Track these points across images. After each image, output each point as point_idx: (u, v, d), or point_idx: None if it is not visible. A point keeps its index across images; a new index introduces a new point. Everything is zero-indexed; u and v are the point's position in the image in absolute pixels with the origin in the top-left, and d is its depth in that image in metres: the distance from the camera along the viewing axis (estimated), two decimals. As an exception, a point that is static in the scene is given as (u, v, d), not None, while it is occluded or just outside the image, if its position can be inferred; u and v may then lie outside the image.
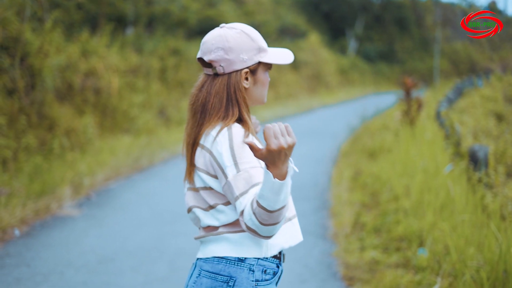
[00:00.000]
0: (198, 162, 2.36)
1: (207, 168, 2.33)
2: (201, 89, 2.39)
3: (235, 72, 2.35)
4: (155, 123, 15.29)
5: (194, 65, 20.40)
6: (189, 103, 2.42)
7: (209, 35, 2.39)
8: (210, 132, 2.33)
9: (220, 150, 2.27)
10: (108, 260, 6.11)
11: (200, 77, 2.45)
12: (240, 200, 2.22)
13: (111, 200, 8.85)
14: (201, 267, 2.41)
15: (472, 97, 25.92)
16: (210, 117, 2.34)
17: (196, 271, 2.43)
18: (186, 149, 2.42)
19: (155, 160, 12.24)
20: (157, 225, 7.48)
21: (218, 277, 2.37)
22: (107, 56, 14.31)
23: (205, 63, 2.38)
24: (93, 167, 10.09)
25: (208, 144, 2.33)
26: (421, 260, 5.70)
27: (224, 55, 2.33)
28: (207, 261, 2.40)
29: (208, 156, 2.32)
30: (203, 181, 2.37)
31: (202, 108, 2.35)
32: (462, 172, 8.23)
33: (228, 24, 2.43)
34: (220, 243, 2.38)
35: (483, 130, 14.69)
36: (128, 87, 14.84)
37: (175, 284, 5.44)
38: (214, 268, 2.38)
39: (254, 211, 2.15)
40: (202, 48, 2.39)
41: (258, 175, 2.24)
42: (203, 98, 2.36)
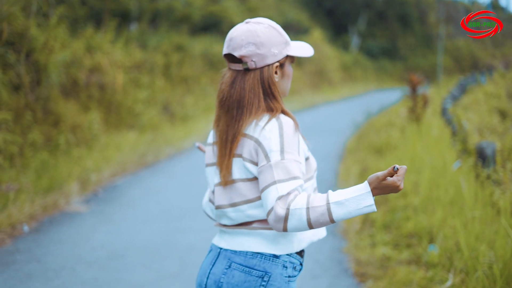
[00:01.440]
0: (244, 152, 2.33)
1: (251, 156, 2.32)
2: (232, 85, 2.35)
3: (267, 67, 2.35)
4: (159, 119, 15.27)
5: (198, 61, 20.39)
6: (220, 99, 2.39)
7: (236, 31, 2.37)
8: (258, 123, 2.32)
9: (269, 136, 2.26)
10: (118, 256, 6.10)
11: (225, 73, 2.43)
12: (277, 186, 2.19)
13: (118, 196, 8.83)
14: (231, 259, 2.39)
15: (475, 94, 25.89)
16: (249, 112, 2.32)
17: (224, 261, 2.42)
18: (221, 145, 2.38)
19: (161, 156, 12.23)
20: (165, 221, 7.47)
21: (252, 272, 2.35)
22: (111, 52, 14.29)
23: (233, 59, 2.37)
24: (100, 163, 10.08)
25: (256, 133, 2.31)
26: (432, 257, 5.68)
27: (256, 50, 2.32)
28: (238, 254, 2.39)
29: (252, 144, 2.31)
30: (247, 172, 2.34)
31: (237, 104, 2.33)
32: (470, 168, 8.21)
33: (252, 19, 2.43)
34: (255, 238, 2.37)
35: (487, 127, 14.66)
36: (132, 83, 14.83)
37: (186, 281, 5.43)
38: (248, 262, 2.36)
39: (312, 208, 2.14)
40: (230, 44, 2.36)
41: (298, 170, 2.23)
42: (237, 94, 2.33)
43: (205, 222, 7.37)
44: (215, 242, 2.51)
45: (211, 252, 2.49)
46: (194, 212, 7.90)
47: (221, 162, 2.39)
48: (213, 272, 2.42)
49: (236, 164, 2.35)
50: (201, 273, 2.49)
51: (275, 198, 2.18)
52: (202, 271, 2.47)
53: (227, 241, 2.44)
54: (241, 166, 2.35)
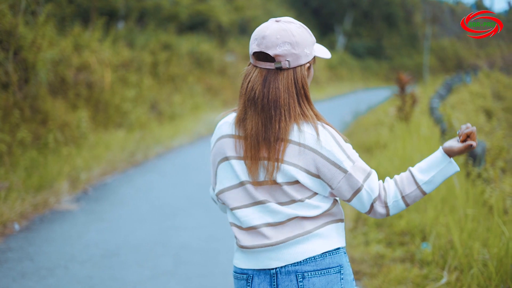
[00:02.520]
0: (293, 159, 2.29)
1: (308, 166, 2.29)
2: (265, 84, 2.29)
3: (300, 67, 2.32)
4: (147, 117, 15.22)
5: (185, 60, 20.35)
6: (249, 97, 2.32)
7: (269, 29, 2.31)
8: (303, 129, 2.28)
9: (329, 148, 2.28)
10: (112, 255, 6.07)
11: (249, 71, 2.36)
12: (365, 188, 2.32)
13: (108, 195, 8.80)
14: (299, 271, 2.33)
15: (461, 93, 26.04)
16: (288, 114, 2.28)
17: (291, 277, 2.34)
18: (255, 144, 2.30)
19: (150, 154, 12.19)
20: (158, 220, 7.44)
21: (330, 271, 2.35)
22: (99, 50, 14.22)
23: (265, 58, 2.31)
24: (89, 162, 10.03)
25: (310, 142, 2.28)
26: (426, 255, 5.70)
27: (291, 50, 2.28)
28: (304, 263, 2.33)
29: (312, 155, 2.28)
30: (290, 176, 2.30)
31: (274, 104, 2.27)
32: (460, 167, 8.25)
33: (282, 18, 2.37)
34: (314, 240, 2.35)
35: (474, 126, 14.75)
36: (120, 81, 14.76)
37: (181, 279, 5.42)
38: (321, 265, 2.34)
39: (406, 194, 2.36)
40: (263, 42, 2.29)
41: (365, 164, 2.35)
42: (272, 94, 2.28)
43: (198, 221, 7.37)
44: (253, 266, 2.38)
45: (257, 278, 2.37)
46: (186, 210, 7.90)
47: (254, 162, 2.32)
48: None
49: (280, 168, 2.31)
50: None
51: (370, 201, 2.35)
52: None
53: (281, 258, 2.34)
54: (285, 171, 2.30)
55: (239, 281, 2.42)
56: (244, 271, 2.40)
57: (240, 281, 2.42)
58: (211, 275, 5.54)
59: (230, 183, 2.39)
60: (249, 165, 2.32)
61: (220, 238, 6.69)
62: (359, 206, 2.38)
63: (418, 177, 2.37)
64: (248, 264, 2.39)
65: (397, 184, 2.37)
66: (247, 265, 2.39)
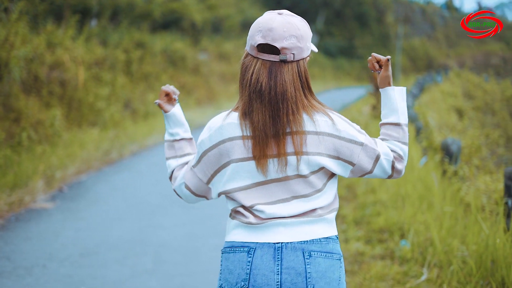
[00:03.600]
0: (316, 149, 2.30)
1: (329, 151, 2.31)
2: (271, 76, 2.27)
3: (302, 60, 2.33)
4: (121, 116, 15.11)
5: (159, 58, 20.25)
6: (255, 90, 2.28)
7: (275, 22, 2.29)
8: (315, 118, 2.30)
9: (343, 128, 2.32)
10: (91, 253, 6.02)
11: (250, 62, 2.33)
12: (383, 156, 2.42)
13: (84, 193, 8.72)
14: (306, 249, 2.32)
15: (433, 92, 26.32)
16: (296, 106, 2.27)
17: (297, 253, 2.32)
18: (261, 139, 2.27)
19: (125, 153, 12.12)
20: (135, 218, 7.40)
21: (333, 256, 2.37)
22: (72, 48, 14.07)
23: (271, 50, 2.29)
24: (64, 160, 9.93)
25: (326, 129, 2.30)
26: (405, 252, 5.74)
27: (297, 43, 2.28)
28: (310, 242, 2.34)
29: (330, 139, 2.31)
30: (316, 165, 2.31)
31: (282, 97, 2.26)
32: (437, 165, 8.33)
33: (283, 11, 2.37)
34: (321, 224, 2.37)
35: (447, 125, 14.92)
36: (94, 79, 14.63)
37: (162, 277, 5.39)
38: (325, 248, 2.35)
39: (405, 142, 2.49)
40: (269, 35, 2.27)
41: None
42: (280, 86, 2.26)
43: (176, 219, 7.33)
44: (257, 239, 2.34)
45: (260, 250, 2.33)
46: (164, 208, 7.86)
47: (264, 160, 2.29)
48: (287, 267, 2.31)
49: (301, 160, 2.30)
50: (259, 274, 2.32)
51: (390, 163, 2.44)
52: (261, 272, 2.31)
53: (287, 234, 2.33)
54: (308, 161, 2.31)
55: (236, 254, 2.34)
56: (245, 244, 2.34)
57: (238, 253, 2.34)
58: (192, 274, 5.51)
59: (243, 183, 2.33)
60: (260, 163, 2.29)
61: (200, 237, 6.66)
62: (382, 173, 2.45)
63: (393, 120, 2.51)
64: (251, 237, 2.34)
65: (390, 137, 2.49)
66: (250, 238, 2.34)
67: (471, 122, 18.33)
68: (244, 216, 2.35)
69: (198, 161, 2.39)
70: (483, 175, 8.62)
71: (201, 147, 2.35)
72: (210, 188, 2.42)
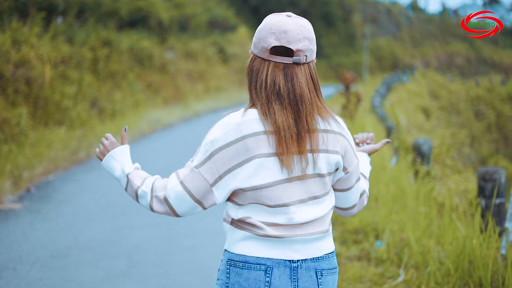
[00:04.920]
0: (331, 146, 2.30)
1: (342, 151, 2.34)
2: (287, 79, 2.25)
3: (312, 61, 2.33)
4: (88, 115, 14.90)
5: (125, 57, 20.05)
6: (276, 93, 2.25)
7: (289, 24, 2.27)
8: (328, 119, 2.31)
9: (349, 137, 2.39)
10: (62, 255, 5.89)
11: (265, 65, 2.28)
12: (361, 180, 2.55)
13: (52, 193, 8.57)
14: (318, 267, 2.30)
15: (399, 92, 26.52)
16: (313, 107, 2.28)
17: (310, 273, 2.29)
18: (287, 138, 2.22)
19: (93, 152, 11.94)
20: (107, 219, 7.29)
21: (336, 270, 2.38)
22: (38, 45, 13.83)
23: (285, 52, 2.27)
24: (31, 160, 9.75)
25: (339, 129, 2.34)
26: (381, 253, 5.73)
27: (309, 45, 2.28)
28: (320, 259, 2.32)
29: (343, 140, 2.33)
30: (335, 164, 2.32)
31: (300, 99, 2.25)
32: (408, 165, 8.35)
33: (290, 13, 2.35)
34: (328, 238, 2.37)
35: (415, 125, 15.04)
36: (60, 78, 14.41)
37: (137, 280, 5.30)
38: (331, 264, 2.35)
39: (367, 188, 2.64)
40: (284, 37, 2.25)
41: None
42: (298, 89, 2.25)
43: (148, 220, 7.23)
44: (274, 256, 2.26)
45: (277, 270, 2.26)
46: (134, 209, 7.74)
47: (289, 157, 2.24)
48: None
49: (321, 159, 2.30)
50: None
51: (359, 194, 2.51)
52: None
53: (302, 252, 2.29)
54: (327, 160, 2.30)
55: (251, 271, 2.26)
56: (260, 261, 2.25)
57: (253, 271, 2.25)
58: (167, 275, 5.43)
59: (267, 180, 2.25)
60: (285, 160, 2.24)
61: (173, 237, 6.58)
62: (353, 196, 2.47)
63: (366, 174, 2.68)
64: (266, 252, 2.26)
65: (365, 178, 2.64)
66: (265, 254, 2.26)
67: (438, 122, 18.54)
68: (259, 228, 2.26)
69: (205, 160, 2.23)
70: (452, 175, 8.69)
71: (213, 145, 2.22)
72: (213, 191, 2.25)
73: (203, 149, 2.25)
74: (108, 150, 2.44)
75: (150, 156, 11.97)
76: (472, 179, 8.91)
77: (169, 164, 10.87)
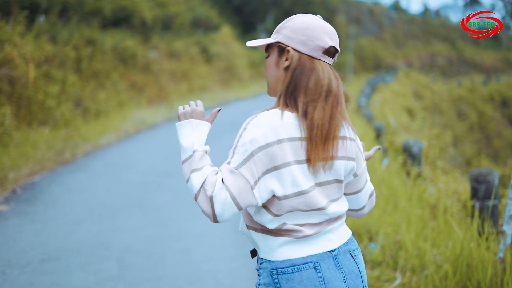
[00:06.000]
0: (349, 153, 2.33)
1: (355, 155, 2.38)
2: (336, 78, 2.29)
3: None
4: (72, 114, 14.75)
5: (109, 56, 19.89)
6: (328, 91, 2.24)
7: (330, 27, 2.33)
8: (347, 123, 2.33)
9: (357, 137, 2.42)
10: (52, 259, 5.78)
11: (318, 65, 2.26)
12: (368, 180, 2.54)
13: (39, 195, 8.44)
14: (349, 250, 2.36)
15: (383, 92, 26.57)
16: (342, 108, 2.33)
17: (347, 256, 2.34)
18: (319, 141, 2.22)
19: (78, 153, 11.82)
20: (95, 221, 7.17)
21: (359, 249, 2.46)
22: (22, 44, 13.66)
23: (333, 53, 2.31)
24: (16, 161, 9.61)
25: (352, 134, 2.36)
26: (375, 255, 5.68)
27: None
28: (348, 242, 2.37)
29: (355, 145, 2.37)
30: (351, 170, 2.36)
31: (341, 99, 2.29)
32: (399, 167, 8.33)
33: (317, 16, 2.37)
34: (345, 223, 2.45)
35: (401, 125, 15.04)
36: (44, 77, 14.24)
37: (129, 283, 5.20)
38: (356, 244, 2.43)
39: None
40: (335, 38, 2.31)
41: None
42: (341, 89, 2.31)
43: (138, 221, 7.14)
44: (315, 251, 2.26)
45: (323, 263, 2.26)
46: (124, 211, 7.65)
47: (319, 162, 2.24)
48: (348, 272, 2.31)
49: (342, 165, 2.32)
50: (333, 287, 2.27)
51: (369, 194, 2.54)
52: (335, 284, 2.25)
53: (336, 239, 2.31)
54: (343, 167, 2.32)
55: (302, 272, 2.23)
56: (307, 260, 2.23)
57: (304, 271, 2.22)
58: (159, 279, 5.33)
59: (303, 187, 2.22)
60: (314, 165, 2.22)
61: (163, 240, 6.48)
62: (363, 197, 2.50)
63: None
64: (310, 250, 2.25)
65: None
66: (308, 252, 2.25)
67: (423, 122, 18.55)
68: (296, 231, 2.24)
69: (245, 160, 2.14)
70: (442, 176, 8.67)
71: (253, 144, 2.14)
72: (254, 193, 2.15)
73: (241, 150, 2.15)
74: (193, 116, 2.33)
75: (136, 156, 11.85)
76: (461, 180, 8.92)
77: (155, 165, 10.77)
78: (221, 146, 12.97)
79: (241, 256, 5.92)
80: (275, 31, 2.36)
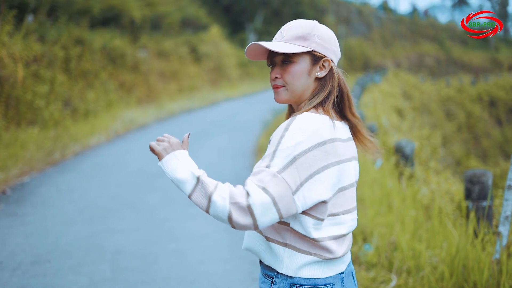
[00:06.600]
0: (357, 153, 2.39)
1: None
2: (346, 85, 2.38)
3: None
4: (61, 114, 14.63)
5: (98, 56, 19.78)
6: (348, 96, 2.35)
7: None
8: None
9: None
10: (43, 261, 5.70)
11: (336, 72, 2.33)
12: None
13: (29, 196, 8.35)
14: (351, 270, 2.43)
15: (373, 92, 26.57)
16: None
17: (351, 278, 2.42)
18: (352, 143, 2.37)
19: (68, 153, 11.72)
20: (87, 223, 7.09)
21: None
22: (10, 44, 13.54)
23: None
24: (5, 161, 9.51)
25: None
26: (370, 256, 5.65)
27: None
28: (351, 262, 2.47)
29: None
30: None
31: None
32: (392, 167, 8.30)
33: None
34: None
35: (391, 126, 15.03)
36: (33, 77, 14.13)
37: (122, 286, 5.14)
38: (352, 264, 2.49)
39: None
40: None
41: None
42: None
43: (130, 223, 7.08)
44: (333, 272, 2.28)
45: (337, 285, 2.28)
46: (115, 212, 7.58)
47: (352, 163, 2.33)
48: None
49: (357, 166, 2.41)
50: None
51: None
52: None
53: (346, 261, 2.38)
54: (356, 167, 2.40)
55: None
56: (327, 282, 2.25)
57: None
58: (153, 281, 5.27)
59: (343, 184, 2.24)
60: (349, 166, 2.28)
61: (156, 241, 6.42)
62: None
63: None
64: (331, 271, 2.27)
65: None
66: (330, 273, 2.27)
67: (413, 122, 18.58)
68: (330, 252, 2.23)
69: (287, 164, 2.07)
70: (434, 177, 8.65)
71: (296, 148, 2.08)
72: (295, 200, 2.07)
73: (284, 154, 2.08)
74: (174, 149, 2.21)
75: (126, 156, 11.78)
76: (453, 180, 8.91)
77: (145, 165, 10.70)
78: (213, 146, 12.96)
79: (235, 258, 5.88)
80: (299, 37, 2.27)
